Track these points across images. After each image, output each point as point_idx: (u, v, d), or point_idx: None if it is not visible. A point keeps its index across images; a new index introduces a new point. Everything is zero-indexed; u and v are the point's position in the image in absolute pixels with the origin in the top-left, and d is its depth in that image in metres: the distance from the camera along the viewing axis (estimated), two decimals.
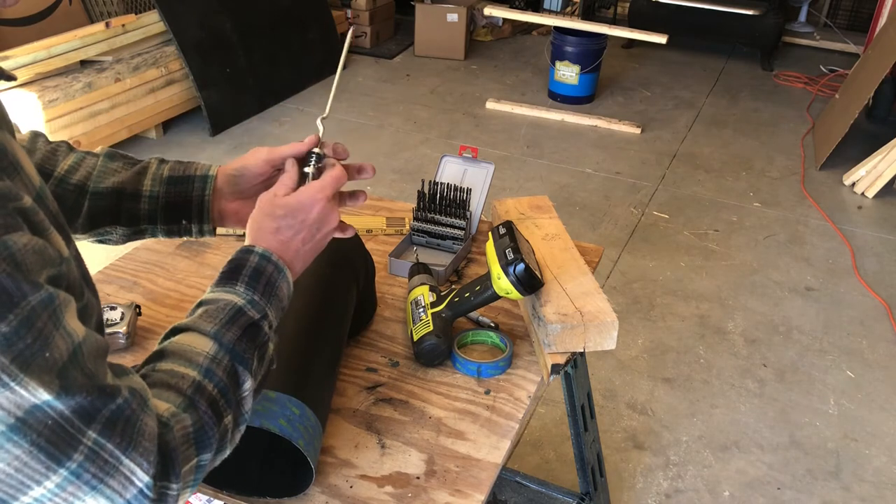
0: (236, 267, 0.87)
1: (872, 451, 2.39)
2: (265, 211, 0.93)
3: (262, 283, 0.87)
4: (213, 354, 0.79)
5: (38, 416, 0.62)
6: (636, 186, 3.94)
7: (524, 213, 1.53)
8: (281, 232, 0.92)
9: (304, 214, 0.93)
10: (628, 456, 2.34)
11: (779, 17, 5.49)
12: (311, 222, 0.93)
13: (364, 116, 4.63)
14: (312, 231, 0.94)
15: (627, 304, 3.02)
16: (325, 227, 0.95)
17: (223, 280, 0.87)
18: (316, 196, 0.94)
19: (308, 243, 0.94)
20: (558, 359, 1.22)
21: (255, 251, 0.89)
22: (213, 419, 0.77)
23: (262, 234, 0.92)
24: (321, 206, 0.94)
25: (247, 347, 0.82)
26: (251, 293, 0.85)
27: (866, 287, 3.18)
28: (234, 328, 0.82)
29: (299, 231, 0.93)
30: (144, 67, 4.01)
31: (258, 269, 0.88)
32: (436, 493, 1.04)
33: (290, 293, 0.91)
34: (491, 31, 6.06)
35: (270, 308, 0.87)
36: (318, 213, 0.94)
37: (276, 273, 0.89)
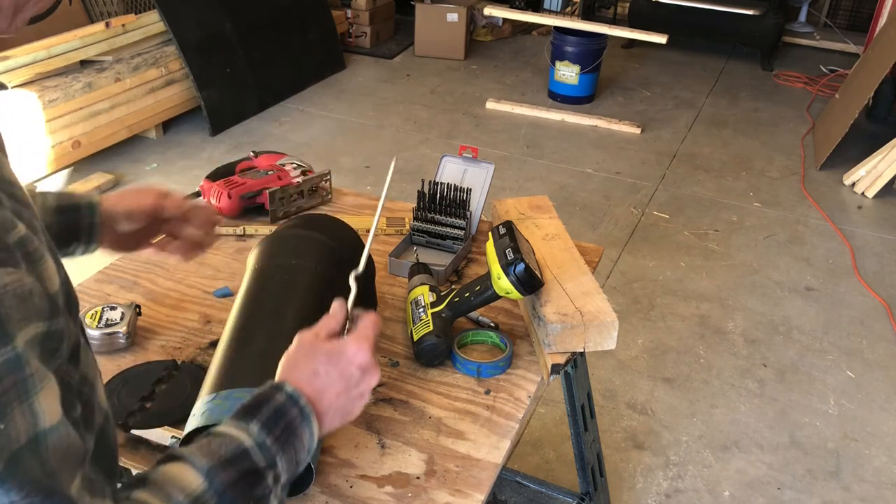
0: (258, 403, 0.79)
1: (872, 451, 2.39)
2: (305, 351, 0.85)
3: (281, 426, 0.78)
4: (197, 494, 0.71)
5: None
6: (636, 186, 3.94)
7: (524, 213, 1.53)
8: (318, 378, 0.83)
9: (345, 365, 0.85)
10: (628, 456, 2.34)
11: (779, 17, 5.49)
12: (350, 374, 0.85)
13: (364, 116, 4.63)
14: (351, 385, 0.85)
15: (627, 304, 3.02)
16: (364, 383, 0.86)
17: (239, 414, 0.78)
18: (362, 345, 0.86)
19: (342, 398, 0.84)
20: (558, 359, 1.22)
21: (284, 389, 0.80)
22: None
23: (295, 374, 0.84)
24: (365, 357, 0.86)
25: (239, 496, 0.73)
26: (264, 436, 0.76)
27: (866, 287, 3.18)
28: (232, 470, 0.73)
29: (337, 382, 0.84)
30: (144, 67, 4.01)
31: (281, 409, 0.79)
32: (436, 493, 1.04)
33: (311, 448, 0.81)
34: (491, 31, 6.06)
35: (282, 458, 0.77)
36: (361, 366, 0.85)
37: (299, 419, 0.79)
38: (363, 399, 0.87)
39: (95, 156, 3.87)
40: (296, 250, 1.21)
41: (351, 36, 5.67)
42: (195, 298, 1.42)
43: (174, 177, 3.81)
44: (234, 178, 1.69)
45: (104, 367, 1.22)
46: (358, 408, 0.87)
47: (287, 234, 1.24)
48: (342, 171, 3.90)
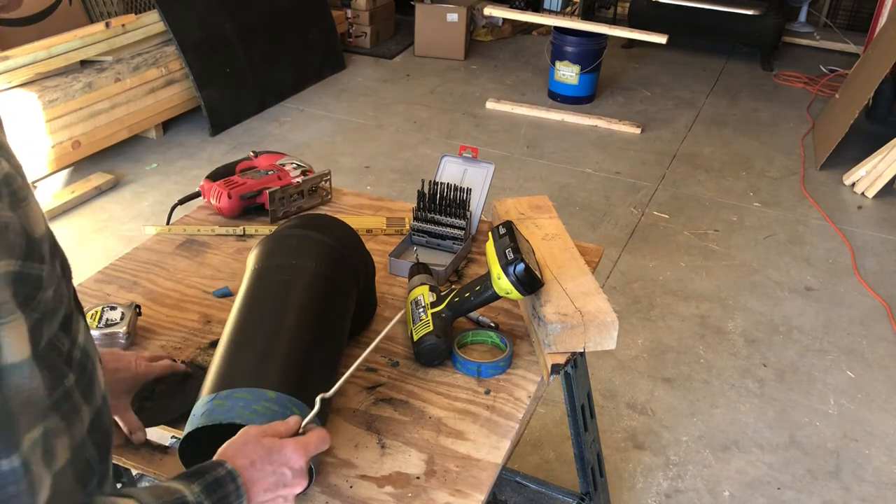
0: (201, 470, 0.84)
1: (872, 451, 2.39)
2: (248, 441, 0.90)
3: (219, 495, 0.83)
4: None
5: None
6: (636, 186, 3.94)
7: (524, 213, 1.53)
8: (253, 468, 0.88)
9: (280, 465, 0.89)
10: (628, 456, 2.34)
11: (779, 17, 5.49)
12: (281, 474, 0.89)
13: (364, 116, 4.63)
14: (279, 484, 0.89)
15: (627, 304, 3.02)
16: (290, 487, 0.90)
17: (185, 475, 0.84)
18: (299, 451, 0.91)
19: (270, 493, 0.89)
20: (558, 359, 1.22)
21: (226, 466, 0.86)
22: None
23: (237, 457, 0.88)
24: (300, 463, 0.91)
25: None
26: (203, 497, 0.81)
27: (866, 287, 3.18)
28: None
29: (269, 477, 0.88)
30: (144, 67, 4.01)
31: (221, 481, 0.84)
32: (436, 493, 1.04)
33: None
34: (491, 31, 6.06)
35: None
36: (294, 469, 0.90)
37: (234, 495, 0.85)
38: (287, 500, 0.91)
39: (95, 156, 3.87)
40: (296, 250, 1.21)
41: (351, 36, 5.67)
42: (195, 298, 1.42)
43: (174, 177, 3.81)
44: (234, 178, 1.69)
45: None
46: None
47: (287, 234, 1.24)
48: (342, 171, 3.90)
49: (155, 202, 3.57)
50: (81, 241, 3.31)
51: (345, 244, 1.27)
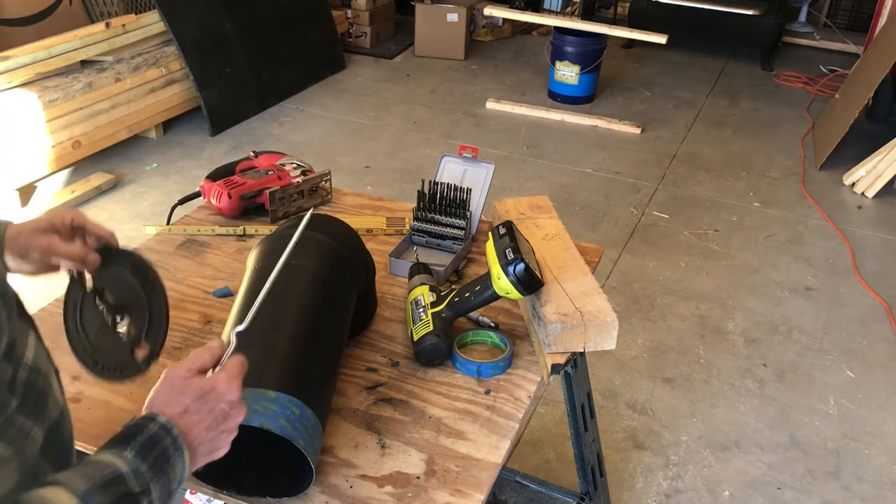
0: (131, 432, 0.80)
1: (872, 451, 2.39)
2: (176, 388, 0.86)
3: (155, 454, 0.79)
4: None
5: None
6: (636, 186, 3.94)
7: (524, 213, 1.53)
8: (189, 414, 0.84)
9: (215, 402, 0.86)
10: (628, 456, 2.34)
11: (779, 17, 5.49)
12: (219, 412, 0.86)
13: (364, 116, 4.63)
14: (219, 422, 0.86)
15: (627, 304, 3.02)
16: (231, 419, 0.87)
17: (113, 442, 0.79)
18: (232, 383, 0.87)
19: (212, 432, 0.86)
20: (558, 359, 1.22)
21: (157, 419, 0.81)
22: None
23: (166, 410, 0.84)
24: (235, 395, 0.87)
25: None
26: (139, 462, 0.77)
27: (866, 287, 3.18)
28: (107, 494, 0.74)
29: (206, 417, 0.85)
30: (144, 67, 4.01)
31: (154, 438, 0.80)
32: (436, 493, 1.04)
33: (182, 478, 0.83)
34: (491, 31, 6.06)
35: (156, 485, 0.78)
36: (230, 402, 0.87)
37: (172, 448, 0.81)
38: (231, 434, 0.88)
39: (95, 156, 3.87)
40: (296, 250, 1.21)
41: (351, 36, 5.67)
42: (195, 298, 1.42)
43: (174, 177, 3.81)
44: (234, 178, 1.69)
45: None
46: (226, 442, 0.88)
47: (287, 234, 1.24)
48: (342, 171, 3.90)
49: (155, 202, 3.57)
50: None
51: (345, 244, 1.27)
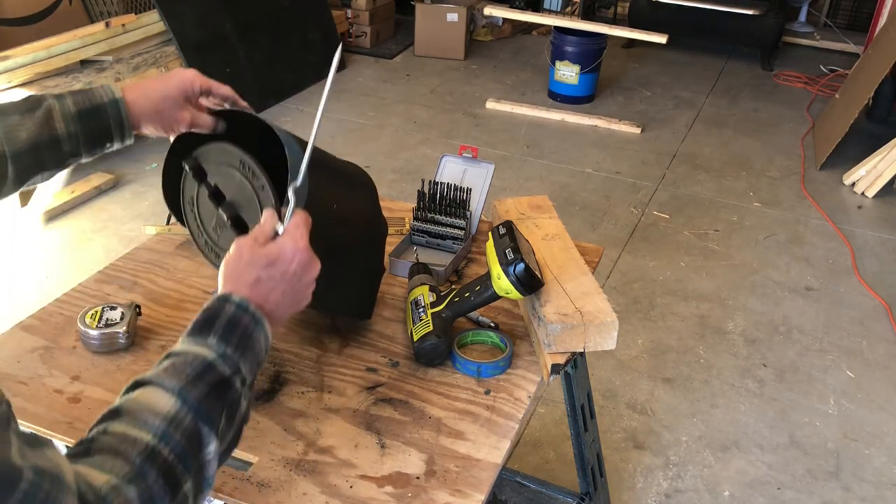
0: (210, 317, 0.82)
1: (872, 451, 2.39)
2: (246, 259, 0.87)
3: (237, 335, 0.81)
4: (172, 414, 0.73)
5: None
6: (636, 186, 3.94)
7: (524, 213, 1.53)
8: (261, 283, 0.87)
9: (286, 265, 0.88)
10: (628, 456, 2.34)
11: (779, 17, 5.49)
12: (291, 274, 0.89)
13: (364, 116, 4.63)
14: (294, 282, 0.89)
15: (627, 304, 3.02)
16: (306, 276, 0.91)
17: (195, 331, 0.81)
18: (298, 245, 0.89)
19: (289, 295, 0.89)
20: (558, 359, 1.22)
21: (231, 300, 0.83)
22: (166, 489, 0.70)
23: (240, 283, 0.86)
24: (303, 255, 0.90)
25: (214, 406, 0.76)
26: (224, 346, 0.80)
27: (866, 287, 3.18)
28: (202, 385, 0.76)
29: (280, 283, 0.88)
30: (144, 67, 4.01)
31: (233, 320, 0.82)
32: (436, 493, 1.04)
33: (267, 347, 0.86)
34: (491, 31, 6.06)
35: (244, 363, 0.81)
36: (300, 264, 0.89)
37: (252, 325, 0.83)
38: (310, 287, 0.91)
39: None
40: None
41: (351, 36, 5.67)
42: (195, 298, 1.42)
43: None
44: None
45: (104, 367, 1.22)
46: (307, 295, 0.92)
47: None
48: None
49: (155, 202, 3.56)
50: (81, 241, 3.31)
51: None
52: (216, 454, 0.76)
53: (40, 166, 1.04)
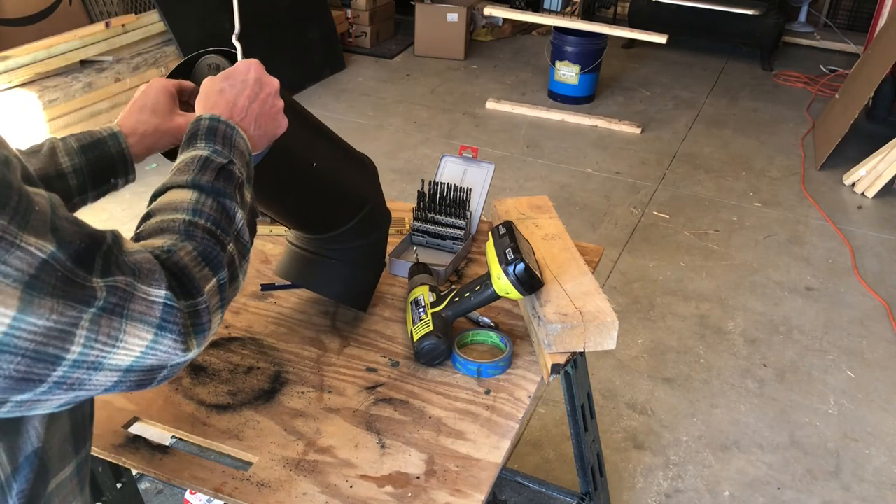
0: (191, 133, 0.91)
1: (872, 451, 2.39)
2: (207, 87, 0.98)
3: (219, 137, 0.90)
4: (195, 198, 0.83)
5: (48, 270, 0.65)
6: (636, 186, 3.94)
7: (524, 213, 1.53)
8: (225, 93, 0.97)
9: (242, 76, 0.99)
10: (628, 456, 2.34)
11: (779, 17, 5.49)
12: (252, 81, 0.99)
13: (364, 116, 4.63)
14: (255, 89, 0.99)
15: (627, 304, 3.02)
16: (266, 86, 1.00)
17: (183, 147, 0.90)
18: (249, 63, 1.01)
19: (254, 101, 0.98)
20: (558, 359, 1.22)
21: (203, 117, 0.92)
22: (214, 242, 0.80)
23: (208, 102, 0.96)
24: (256, 67, 1.01)
25: (226, 185, 0.86)
26: (212, 145, 0.89)
27: (866, 287, 3.18)
28: (208, 172, 0.86)
29: (242, 90, 0.98)
30: (144, 67, 4.01)
31: (211, 128, 0.91)
32: (436, 493, 1.04)
33: (248, 150, 0.94)
34: (491, 31, 6.06)
35: (235, 156, 0.90)
36: (256, 73, 1.00)
37: (228, 129, 0.92)
38: (272, 97, 1.01)
39: None
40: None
41: (351, 36, 5.67)
42: None
43: None
44: None
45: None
46: (275, 109, 1.01)
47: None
48: None
49: None
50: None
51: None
52: (244, 222, 0.87)
53: None
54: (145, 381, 0.74)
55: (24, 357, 0.65)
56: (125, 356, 0.70)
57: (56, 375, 0.67)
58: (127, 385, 0.73)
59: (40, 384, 0.67)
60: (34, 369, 0.66)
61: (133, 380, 0.73)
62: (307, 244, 1.34)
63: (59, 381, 0.68)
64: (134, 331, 0.70)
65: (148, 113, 1.11)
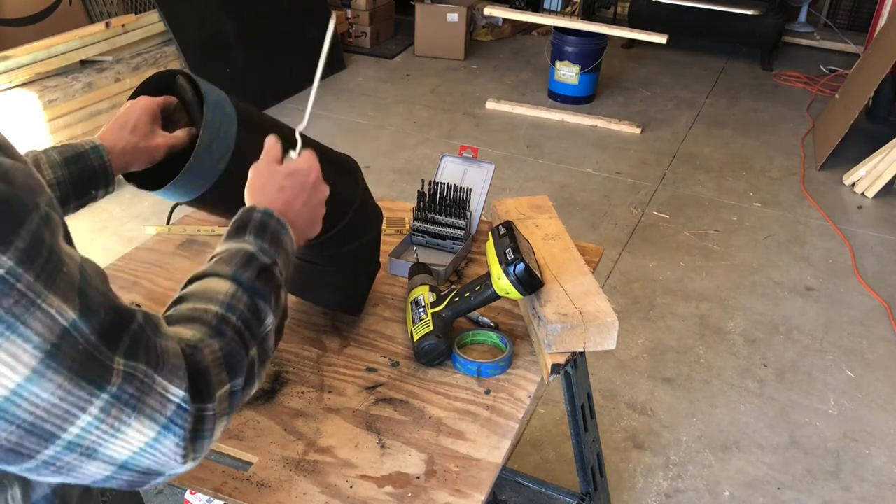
0: (242, 223, 0.89)
1: (872, 451, 2.39)
2: (265, 177, 0.97)
3: (269, 234, 0.89)
4: (232, 292, 0.81)
5: (69, 340, 0.62)
6: (636, 186, 3.94)
7: (524, 213, 1.53)
8: (285, 191, 0.96)
9: (303, 177, 0.98)
10: (628, 456, 2.34)
11: (779, 17, 5.49)
12: (310, 186, 0.98)
13: (364, 116, 4.63)
14: (311, 193, 0.98)
15: (627, 304, 3.02)
16: (319, 192, 1.00)
17: (231, 235, 0.89)
18: (311, 162, 1.00)
19: (307, 206, 0.98)
20: (558, 359, 1.22)
21: (257, 209, 0.91)
22: (240, 345, 0.78)
23: (265, 194, 0.95)
24: (317, 172, 1.00)
25: (265, 286, 0.84)
26: (260, 241, 0.87)
27: (866, 287, 3.18)
28: (251, 269, 0.84)
29: (300, 192, 0.97)
30: (144, 67, 4.01)
31: (263, 223, 0.90)
32: (436, 493, 1.04)
33: (293, 250, 0.94)
34: (491, 31, 6.06)
35: (279, 257, 0.89)
36: (315, 178, 0.99)
37: (279, 227, 0.91)
38: (321, 207, 1.01)
39: None
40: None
41: (351, 36, 5.67)
42: None
43: None
44: None
45: None
46: (320, 214, 1.01)
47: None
48: None
49: (155, 202, 3.56)
50: (81, 241, 3.30)
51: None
52: (272, 328, 0.85)
53: None
54: (137, 482, 0.70)
55: (17, 427, 0.62)
56: (122, 449, 0.66)
57: (46, 454, 0.64)
58: (118, 482, 0.69)
59: (28, 460, 0.64)
60: (25, 442, 0.63)
61: (126, 478, 0.69)
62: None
63: (48, 462, 0.65)
64: (138, 425, 0.66)
65: (128, 131, 1.11)
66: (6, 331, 0.60)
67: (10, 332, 0.60)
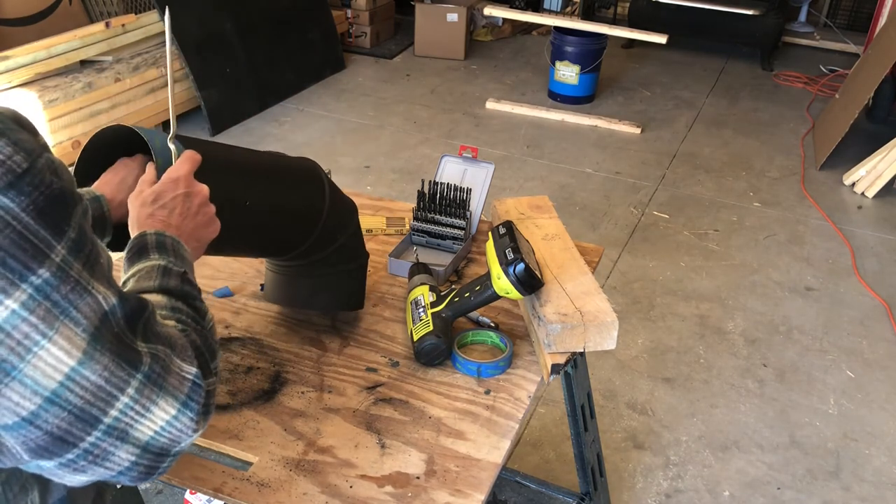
0: (140, 246, 0.89)
1: (872, 451, 2.39)
2: (138, 206, 0.97)
3: (170, 249, 0.90)
4: (166, 302, 0.82)
5: (108, 324, 0.67)
6: (636, 186, 3.94)
7: (524, 213, 1.53)
8: (155, 216, 0.95)
9: (171, 193, 0.97)
10: (628, 456, 2.34)
11: (779, 17, 5.49)
12: (181, 197, 0.97)
13: (364, 116, 4.63)
14: (186, 204, 0.97)
15: (627, 304, 3.02)
16: (194, 196, 0.98)
17: (134, 258, 0.88)
18: (172, 175, 0.98)
19: (188, 217, 0.97)
20: (558, 359, 1.22)
21: (147, 233, 0.91)
22: (205, 331, 0.82)
23: (144, 222, 0.94)
24: (184, 178, 0.98)
25: (190, 290, 0.86)
26: (166, 256, 0.88)
27: (866, 287, 3.18)
28: (173, 278, 0.85)
29: (173, 209, 0.96)
30: (144, 67, 4.01)
31: (160, 242, 0.90)
32: (436, 493, 1.04)
33: (191, 261, 0.94)
34: (491, 31, 6.06)
35: (187, 266, 0.89)
36: (184, 187, 0.98)
37: (175, 243, 0.91)
38: (206, 207, 0.99)
39: None
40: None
41: (351, 36, 5.67)
42: None
43: None
44: None
45: None
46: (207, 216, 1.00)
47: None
48: (342, 171, 3.90)
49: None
50: None
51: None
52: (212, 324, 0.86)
53: None
54: (153, 467, 0.72)
55: (69, 413, 0.65)
56: (146, 429, 0.69)
57: (88, 441, 0.67)
58: (136, 471, 0.71)
59: (71, 448, 0.66)
60: (73, 429, 0.66)
61: (145, 463, 0.71)
62: (280, 267, 1.32)
63: (88, 450, 0.67)
64: (163, 403, 0.70)
65: (126, 188, 1.12)
66: (62, 316, 0.64)
67: (65, 318, 0.64)
